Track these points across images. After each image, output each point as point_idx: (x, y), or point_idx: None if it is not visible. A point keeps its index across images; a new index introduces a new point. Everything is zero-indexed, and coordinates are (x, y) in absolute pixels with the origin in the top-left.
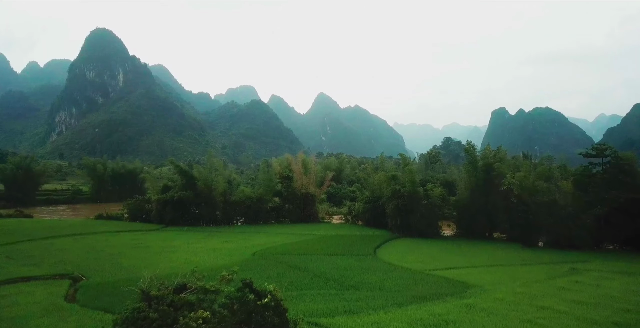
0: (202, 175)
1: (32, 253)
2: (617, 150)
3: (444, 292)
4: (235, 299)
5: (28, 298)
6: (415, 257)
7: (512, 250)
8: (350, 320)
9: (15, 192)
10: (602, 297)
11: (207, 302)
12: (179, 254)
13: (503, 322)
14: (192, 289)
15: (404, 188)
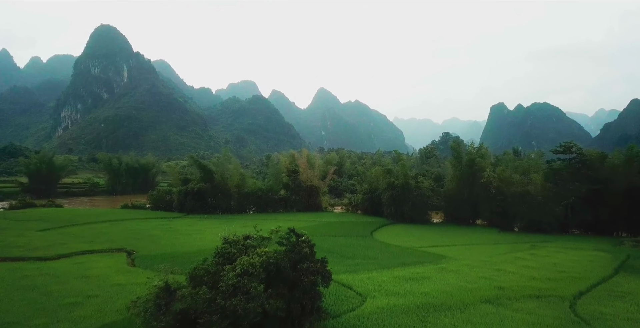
0: (219, 169)
1: (82, 234)
2: (614, 143)
3: (425, 261)
4: (284, 238)
5: (100, 264)
6: (405, 238)
7: (489, 234)
8: (351, 276)
9: (38, 184)
10: (546, 264)
11: (265, 244)
12: (204, 235)
13: (465, 278)
14: (254, 238)
15: (398, 180)
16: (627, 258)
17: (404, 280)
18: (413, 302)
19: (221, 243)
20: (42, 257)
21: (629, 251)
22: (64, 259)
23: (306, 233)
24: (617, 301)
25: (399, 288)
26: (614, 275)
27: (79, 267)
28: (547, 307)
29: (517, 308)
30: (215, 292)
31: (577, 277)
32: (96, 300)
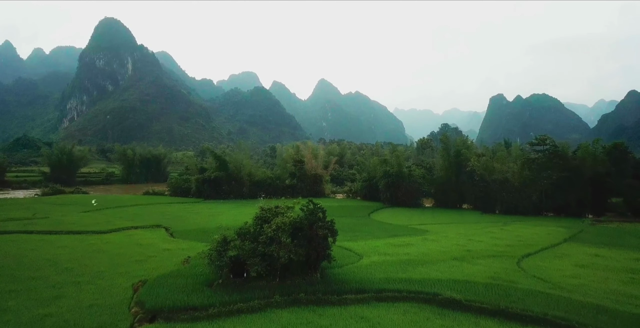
0: (233, 159)
1: (120, 215)
2: (610, 134)
3: (411, 233)
4: (305, 206)
5: (146, 236)
6: (398, 218)
7: (472, 215)
8: (351, 243)
9: (59, 174)
10: (511, 236)
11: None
12: (225, 216)
13: (442, 244)
14: (281, 207)
15: (393, 169)
16: (579, 232)
17: (393, 245)
18: (398, 259)
19: (259, 211)
20: (98, 230)
21: (585, 227)
22: (116, 232)
23: (319, 203)
24: (555, 259)
25: (388, 251)
26: (562, 243)
27: (130, 238)
28: (500, 262)
29: (477, 263)
30: (256, 243)
31: (531, 244)
32: (155, 259)
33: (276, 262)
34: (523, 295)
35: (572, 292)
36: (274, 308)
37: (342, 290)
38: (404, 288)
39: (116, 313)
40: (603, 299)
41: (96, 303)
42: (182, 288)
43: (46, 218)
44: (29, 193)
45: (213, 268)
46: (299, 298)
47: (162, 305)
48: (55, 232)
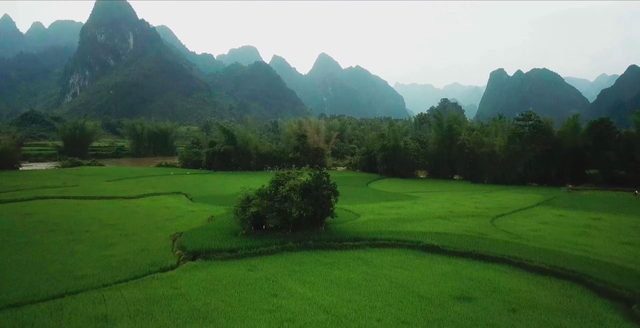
0: (240, 133)
1: (141, 184)
2: (608, 109)
3: (404, 199)
4: (312, 171)
5: (170, 200)
6: (393, 187)
7: (461, 185)
8: (351, 206)
9: (72, 147)
10: (492, 201)
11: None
12: (236, 185)
13: (429, 207)
14: (293, 173)
15: (389, 143)
16: (552, 198)
17: (386, 207)
18: (390, 218)
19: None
20: (127, 196)
21: (560, 194)
22: (143, 198)
23: (325, 170)
24: (524, 218)
25: (382, 211)
26: (535, 206)
27: (157, 202)
28: (476, 220)
29: (456, 220)
30: (273, 202)
31: (507, 207)
32: (182, 218)
33: (289, 216)
34: (489, 242)
35: (530, 240)
36: (288, 252)
37: (342, 239)
38: (393, 238)
39: (163, 255)
40: (552, 245)
41: (145, 248)
42: (213, 237)
43: (76, 186)
44: (49, 166)
45: (238, 221)
46: (308, 244)
47: (200, 248)
48: (89, 197)
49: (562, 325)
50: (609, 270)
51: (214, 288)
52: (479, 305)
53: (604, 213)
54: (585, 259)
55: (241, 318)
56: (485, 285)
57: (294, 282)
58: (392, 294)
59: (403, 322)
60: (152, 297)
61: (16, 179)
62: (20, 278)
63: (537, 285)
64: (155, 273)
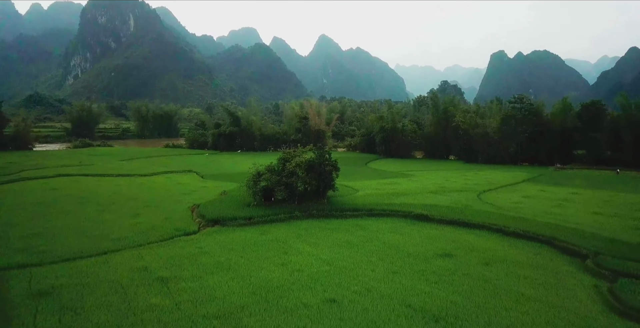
0: (245, 115)
1: (154, 163)
2: (608, 91)
3: (399, 176)
4: (316, 149)
5: (183, 178)
6: (391, 166)
7: (455, 164)
8: (350, 182)
9: (80, 129)
10: (481, 178)
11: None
12: (243, 164)
13: (422, 183)
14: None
15: (388, 125)
16: (538, 175)
17: (383, 184)
18: (386, 192)
19: (282, 154)
20: (142, 174)
21: (547, 172)
22: (157, 175)
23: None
24: (508, 193)
25: (379, 187)
26: (520, 183)
27: (171, 179)
28: (464, 195)
29: (446, 194)
30: (281, 176)
31: (494, 183)
32: (196, 193)
33: (295, 190)
34: (473, 212)
35: (510, 211)
36: (295, 220)
37: (342, 209)
38: (388, 209)
39: (184, 222)
40: (529, 215)
41: (168, 217)
42: (228, 207)
43: (93, 165)
44: (61, 147)
45: (250, 193)
46: (312, 214)
47: (217, 216)
48: (107, 175)
49: (526, 274)
50: (574, 234)
51: (233, 247)
52: (457, 260)
53: (583, 189)
54: (555, 226)
55: (258, 269)
56: (465, 245)
57: (301, 242)
58: (385, 252)
59: (393, 272)
60: (181, 254)
61: (35, 159)
62: (67, 240)
63: (510, 246)
64: (180, 237)
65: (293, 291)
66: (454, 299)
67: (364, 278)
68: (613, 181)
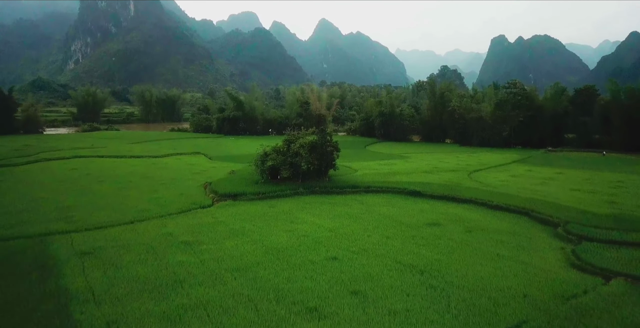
0: (247, 100)
1: (162, 146)
2: (607, 76)
3: (396, 158)
4: (319, 130)
5: (192, 159)
6: (388, 149)
7: (450, 147)
8: (350, 163)
9: (86, 114)
10: (474, 159)
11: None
12: (248, 147)
13: (417, 164)
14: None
15: (386, 109)
16: (528, 157)
17: (380, 164)
18: (382, 172)
19: (286, 136)
20: (153, 155)
21: (537, 155)
22: (168, 157)
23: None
24: (497, 172)
25: (376, 167)
26: (510, 164)
27: (181, 160)
28: (456, 174)
29: (438, 174)
30: (286, 156)
31: (485, 164)
32: (207, 172)
33: (299, 168)
34: (463, 189)
35: (497, 187)
36: (299, 195)
37: (343, 187)
38: (384, 186)
39: (199, 197)
40: (513, 191)
41: (183, 193)
42: (238, 184)
43: (105, 148)
44: (70, 130)
45: (258, 171)
46: (315, 190)
47: (229, 191)
48: (120, 156)
49: (503, 239)
50: (550, 207)
51: (245, 218)
52: (444, 228)
53: (567, 169)
54: (535, 200)
55: (269, 234)
56: (452, 216)
57: (305, 214)
58: (380, 222)
59: (386, 237)
60: (200, 223)
61: (48, 142)
62: (96, 211)
63: (492, 216)
64: (196, 209)
65: (300, 251)
66: (437, 258)
67: (361, 242)
68: (597, 162)
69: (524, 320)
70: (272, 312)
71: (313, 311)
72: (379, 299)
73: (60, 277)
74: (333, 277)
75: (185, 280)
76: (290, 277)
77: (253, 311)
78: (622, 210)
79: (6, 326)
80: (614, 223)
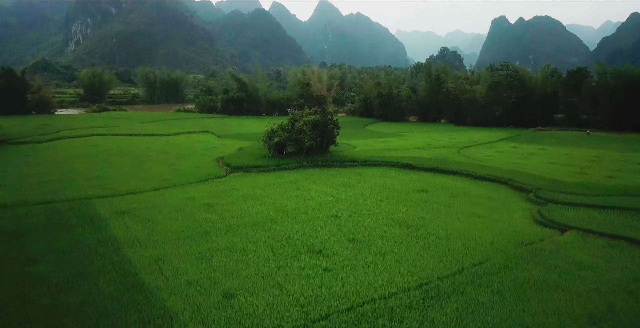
0: (251, 81)
1: (171, 125)
2: (607, 58)
3: (392, 136)
4: (320, 110)
5: (204, 137)
6: (386, 129)
7: (445, 126)
8: (350, 141)
9: (92, 95)
10: (466, 138)
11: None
12: (251, 126)
13: (411, 141)
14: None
15: (384, 90)
16: (516, 135)
17: (377, 142)
18: (379, 148)
19: (291, 115)
20: (165, 134)
21: (526, 133)
22: (178, 135)
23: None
24: (485, 149)
25: (373, 144)
26: (498, 141)
27: (190, 138)
28: (447, 150)
29: (431, 150)
30: (291, 133)
31: (475, 141)
32: (217, 149)
33: (303, 144)
34: (451, 162)
35: (482, 161)
36: (303, 168)
37: (342, 161)
38: (380, 160)
39: (213, 169)
40: (496, 164)
41: (199, 166)
42: (248, 158)
43: (118, 127)
44: (79, 111)
45: (266, 147)
46: (317, 164)
47: (240, 164)
48: (134, 134)
49: (481, 202)
50: (527, 177)
51: (256, 186)
52: (431, 194)
53: (550, 146)
54: (515, 171)
55: (279, 198)
56: (439, 185)
57: (309, 183)
58: (375, 189)
59: (380, 200)
60: (217, 190)
61: (63, 121)
62: (124, 180)
63: (475, 185)
64: (213, 179)
65: (306, 211)
66: (422, 215)
67: (358, 204)
68: (581, 140)
69: (487, 259)
70: (285, 252)
71: (318, 252)
72: (371, 244)
73: (108, 229)
74: (334, 229)
75: (211, 232)
76: (299, 229)
77: (270, 251)
78: (590, 179)
79: (74, 263)
80: (579, 190)
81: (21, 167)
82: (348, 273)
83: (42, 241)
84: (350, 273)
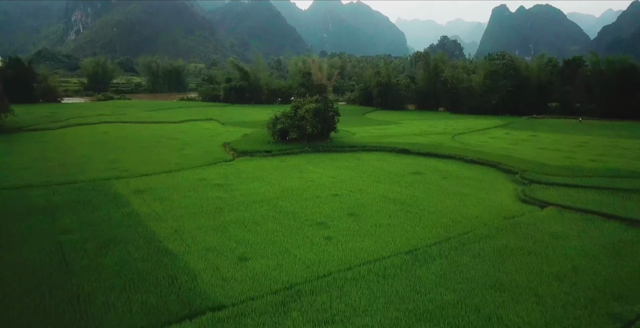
0: (253, 70)
1: (176, 113)
2: (607, 47)
3: (391, 124)
4: (322, 98)
5: (206, 124)
6: (385, 117)
7: (442, 114)
8: (350, 128)
9: (96, 84)
10: (461, 125)
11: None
12: (254, 115)
13: (408, 128)
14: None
15: (384, 79)
16: (510, 123)
17: (376, 129)
18: (377, 134)
19: (293, 103)
20: (172, 121)
21: (520, 121)
22: (184, 123)
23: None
24: (478, 135)
25: (372, 131)
26: (492, 128)
27: (196, 126)
28: (442, 136)
29: (427, 136)
30: (293, 120)
31: (470, 128)
32: (222, 135)
33: (305, 131)
34: (445, 147)
35: (475, 146)
36: (305, 153)
37: (342, 146)
38: (378, 145)
39: (221, 154)
40: (488, 149)
41: (206, 151)
42: (253, 144)
43: (125, 115)
44: (85, 100)
45: (269, 133)
46: (318, 149)
47: (246, 149)
48: (142, 122)
49: (470, 183)
50: (515, 161)
51: (262, 169)
52: (424, 176)
53: (542, 132)
54: (504, 156)
55: (283, 180)
56: (432, 168)
57: (311, 166)
58: (372, 172)
59: (377, 181)
60: (226, 172)
61: (72, 110)
62: (138, 164)
63: (466, 168)
64: (221, 163)
65: (309, 190)
66: (416, 194)
67: (356, 184)
68: (572, 127)
69: (471, 230)
70: (291, 224)
71: (320, 224)
72: (368, 218)
73: (129, 205)
74: (334, 206)
75: (224, 208)
76: (303, 206)
77: (277, 223)
78: (575, 163)
79: (104, 232)
80: (562, 172)
81: (39, 152)
82: (347, 241)
83: (72, 215)
84: (349, 241)
